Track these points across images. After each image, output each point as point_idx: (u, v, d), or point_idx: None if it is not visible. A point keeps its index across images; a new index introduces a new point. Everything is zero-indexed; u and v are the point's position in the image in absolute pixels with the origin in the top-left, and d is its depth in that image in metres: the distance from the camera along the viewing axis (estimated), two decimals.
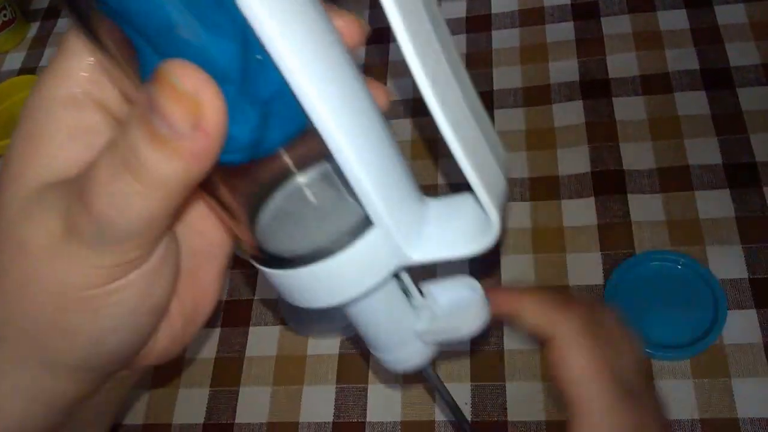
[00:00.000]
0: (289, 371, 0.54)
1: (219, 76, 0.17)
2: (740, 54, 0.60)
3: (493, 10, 0.69)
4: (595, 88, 0.61)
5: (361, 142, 0.20)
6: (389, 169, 0.21)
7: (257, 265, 0.24)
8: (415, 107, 0.65)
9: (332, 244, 0.21)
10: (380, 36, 0.70)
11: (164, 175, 0.18)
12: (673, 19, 0.64)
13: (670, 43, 0.63)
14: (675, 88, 0.60)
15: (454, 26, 0.69)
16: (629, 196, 0.55)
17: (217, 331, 0.56)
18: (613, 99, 0.60)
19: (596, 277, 0.52)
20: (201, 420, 0.53)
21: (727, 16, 0.63)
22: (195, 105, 0.17)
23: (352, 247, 0.21)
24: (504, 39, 0.67)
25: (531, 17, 0.67)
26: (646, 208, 0.54)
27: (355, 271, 0.22)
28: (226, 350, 0.55)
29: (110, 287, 0.20)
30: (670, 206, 0.54)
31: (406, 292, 0.26)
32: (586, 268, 0.53)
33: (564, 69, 0.63)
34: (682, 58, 0.61)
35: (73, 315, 0.20)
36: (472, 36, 0.68)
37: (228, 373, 0.54)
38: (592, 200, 0.56)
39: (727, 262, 0.51)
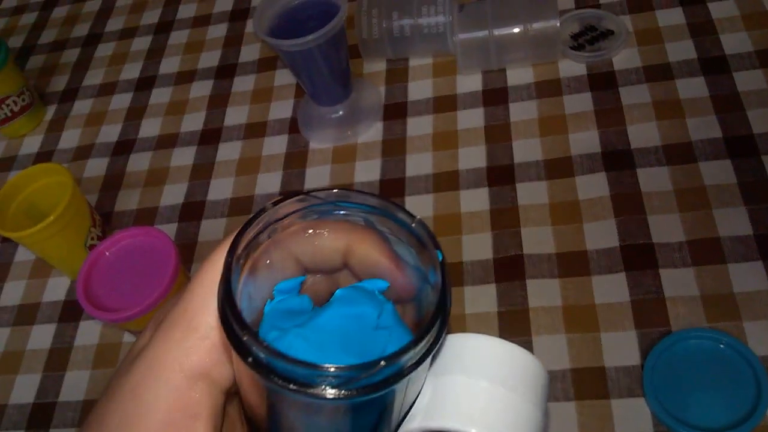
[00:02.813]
0: None
1: None
2: (762, 121, 0.60)
3: (509, 83, 0.69)
4: (617, 160, 0.61)
5: None
6: None
7: None
8: (436, 182, 0.64)
9: None
10: (397, 112, 0.71)
11: None
12: (692, 87, 0.64)
13: (690, 111, 0.62)
14: (699, 158, 0.59)
15: (470, 100, 0.69)
16: (661, 270, 0.54)
17: None
18: (637, 170, 0.60)
19: (633, 358, 0.51)
20: None
21: (747, 82, 0.63)
22: None
23: None
24: (522, 111, 0.67)
25: (547, 89, 0.68)
26: (678, 283, 0.53)
27: None
28: None
29: None
30: (703, 280, 0.53)
31: None
32: (622, 347, 0.51)
33: (584, 140, 0.63)
34: (703, 127, 0.61)
35: None
36: (490, 109, 0.68)
37: None
38: (623, 275, 0.55)
39: (766, 338, 0.50)
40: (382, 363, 0.18)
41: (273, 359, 0.18)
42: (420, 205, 0.63)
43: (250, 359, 0.18)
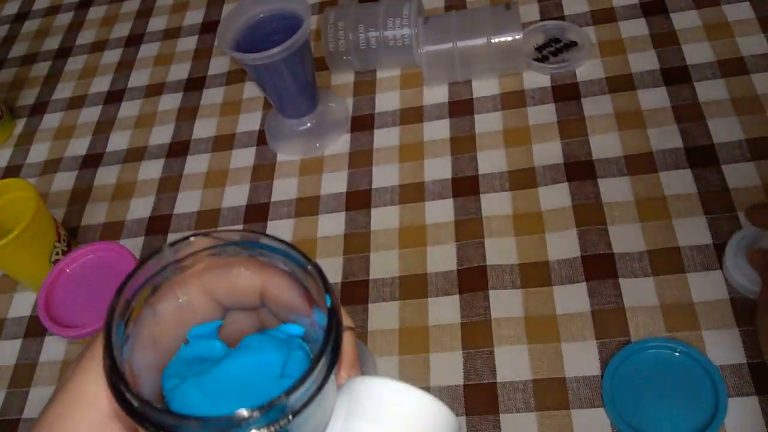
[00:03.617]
0: None
1: None
2: (723, 130, 0.61)
3: (475, 95, 0.69)
4: (579, 170, 0.61)
5: None
6: None
7: None
8: (402, 194, 0.65)
9: None
10: (364, 123, 0.71)
11: None
12: (654, 98, 0.64)
13: (652, 121, 0.63)
14: (660, 168, 0.60)
15: (436, 111, 0.70)
16: (621, 280, 0.54)
17: None
18: (599, 180, 0.60)
19: (593, 368, 0.51)
20: None
21: (708, 92, 0.63)
22: None
23: None
24: (487, 123, 0.67)
25: (512, 100, 0.68)
26: (638, 293, 0.54)
27: None
28: None
29: None
30: (662, 290, 0.53)
31: None
32: (582, 357, 0.52)
33: (548, 151, 0.63)
34: (665, 137, 0.62)
35: None
36: (455, 121, 0.68)
37: None
38: (584, 286, 0.55)
39: (725, 347, 0.50)
40: (247, 415, 0.18)
41: (145, 408, 0.18)
42: (386, 217, 0.64)
43: (125, 405, 0.19)
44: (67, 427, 0.22)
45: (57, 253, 0.63)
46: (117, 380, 0.19)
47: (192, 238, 0.22)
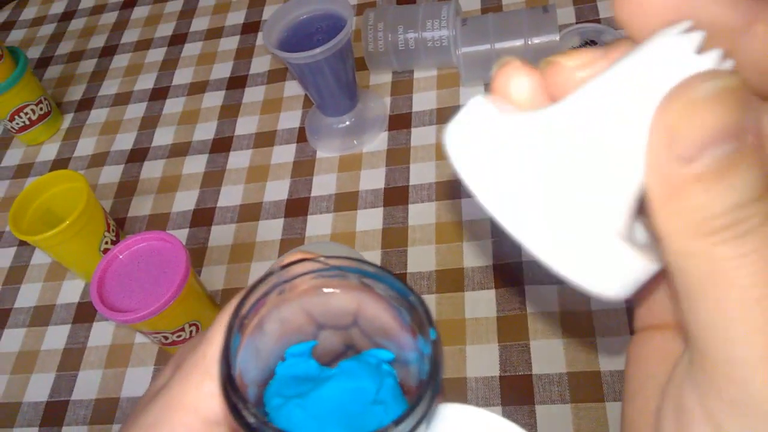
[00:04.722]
0: None
1: None
2: None
3: None
4: None
5: None
6: None
7: None
8: (438, 191, 0.66)
9: None
10: (401, 122, 0.73)
11: None
12: None
13: None
14: None
15: None
16: None
17: None
18: None
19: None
20: None
21: None
22: None
23: None
24: None
25: None
26: None
27: None
28: None
29: None
30: None
31: None
32: (617, 351, 0.53)
33: None
34: None
35: None
36: None
37: None
38: None
39: None
40: None
41: (262, 427, 0.20)
42: (423, 213, 0.65)
43: (243, 423, 0.20)
44: (167, 431, 0.22)
45: (106, 243, 0.66)
46: (237, 399, 0.20)
47: (298, 264, 0.23)
